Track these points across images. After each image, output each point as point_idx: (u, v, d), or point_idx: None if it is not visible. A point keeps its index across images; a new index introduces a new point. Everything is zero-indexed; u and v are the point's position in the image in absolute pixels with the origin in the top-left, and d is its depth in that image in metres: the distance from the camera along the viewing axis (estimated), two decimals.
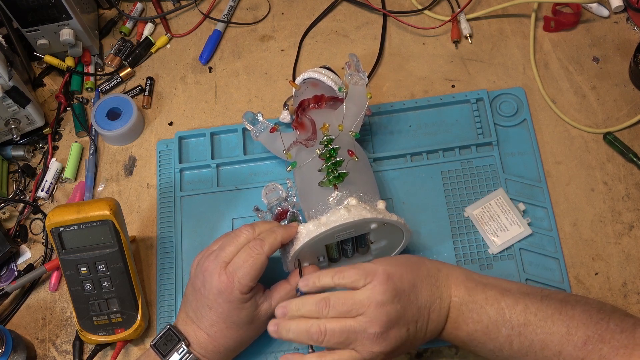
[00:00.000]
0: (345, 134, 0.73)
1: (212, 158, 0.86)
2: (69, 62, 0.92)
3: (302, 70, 0.89)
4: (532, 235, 0.77)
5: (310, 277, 0.63)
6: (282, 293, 0.68)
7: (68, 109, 0.92)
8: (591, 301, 0.62)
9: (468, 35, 0.90)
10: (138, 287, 0.75)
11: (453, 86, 0.88)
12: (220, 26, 0.95)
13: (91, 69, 0.94)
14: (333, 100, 0.78)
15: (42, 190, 0.86)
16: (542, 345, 0.59)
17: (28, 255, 0.84)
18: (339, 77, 0.82)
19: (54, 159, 0.89)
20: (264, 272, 0.65)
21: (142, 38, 0.96)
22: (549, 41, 0.90)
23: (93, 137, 0.89)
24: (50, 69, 0.95)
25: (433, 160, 0.83)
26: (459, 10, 0.91)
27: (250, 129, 0.79)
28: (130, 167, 0.88)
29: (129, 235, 0.76)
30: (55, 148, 0.90)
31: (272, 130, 0.76)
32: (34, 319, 0.81)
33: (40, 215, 0.86)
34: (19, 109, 0.84)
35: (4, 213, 0.86)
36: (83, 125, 0.90)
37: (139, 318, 0.75)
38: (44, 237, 0.85)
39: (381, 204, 0.69)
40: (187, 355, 0.66)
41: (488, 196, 0.80)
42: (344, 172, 0.69)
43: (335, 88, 0.80)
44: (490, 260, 0.77)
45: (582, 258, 0.77)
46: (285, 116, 0.85)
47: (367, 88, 0.74)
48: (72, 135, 0.91)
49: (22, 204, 0.86)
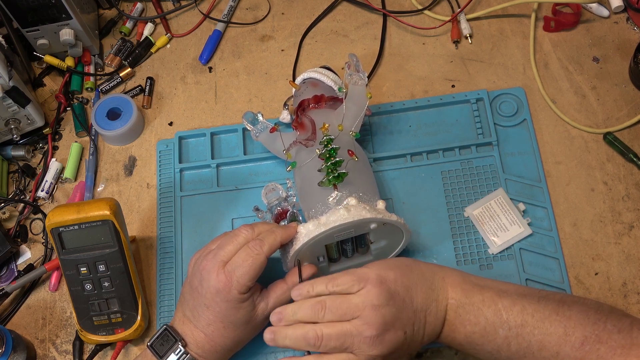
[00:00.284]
0: (345, 134, 0.73)
1: (212, 158, 0.86)
2: (69, 62, 0.92)
3: (302, 70, 0.89)
4: (532, 235, 0.77)
5: (304, 285, 0.63)
6: (279, 293, 0.68)
7: (68, 109, 0.92)
8: (588, 302, 0.62)
9: (468, 35, 0.90)
10: (138, 287, 0.75)
11: (453, 86, 0.88)
12: (220, 26, 0.95)
13: (91, 69, 0.94)
14: (333, 100, 0.78)
15: (42, 190, 0.86)
16: (539, 346, 0.59)
17: (28, 255, 0.84)
18: (339, 77, 0.82)
19: (54, 159, 0.89)
20: (262, 272, 0.65)
21: (142, 38, 0.96)
22: (549, 41, 0.89)
23: (93, 137, 0.89)
24: (50, 69, 0.95)
25: (433, 160, 0.83)
26: (459, 10, 0.91)
27: (250, 129, 0.79)
28: (130, 167, 0.88)
29: (129, 235, 0.76)
30: (55, 148, 0.90)
31: (272, 130, 0.76)
32: (34, 319, 0.81)
33: (40, 215, 0.86)
34: (19, 109, 0.84)
35: (4, 213, 0.86)
36: (83, 125, 0.90)
37: (139, 318, 0.75)
38: (44, 237, 0.85)
39: (381, 204, 0.69)
40: (184, 355, 0.66)
41: (488, 196, 0.80)
42: (343, 172, 0.69)
43: (335, 88, 0.80)
44: (490, 261, 0.77)
45: (582, 258, 0.77)
46: (285, 116, 0.85)
47: (367, 88, 0.74)
48: (72, 135, 0.91)
49: (22, 204, 0.86)
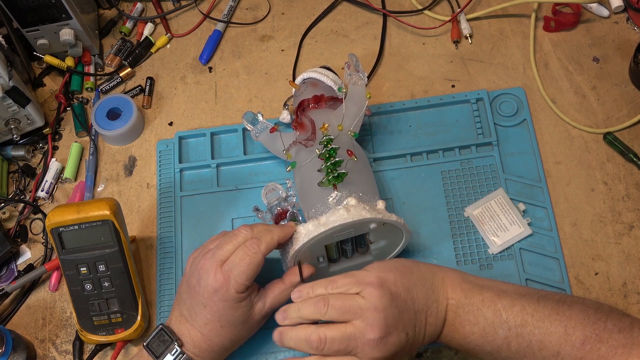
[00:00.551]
0: (344, 134, 0.73)
1: (212, 158, 0.86)
2: (69, 62, 0.92)
3: (302, 70, 0.89)
4: (532, 235, 0.77)
5: (304, 287, 0.63)
6: (277, 292, 0.68)
7: (68, 109, 0.92)
8: (588, 301, 0.62)
9: (468, 35, 0.90)
10: (138, 287, 0.75)
11: (453, 86, 0.88)
12: (220, 26, 0.95)
13: (91, 69, 0.94)
14: (333, 100, 0.78)
15: (42, 190, 0.86)
16: (540, 346, 0.59)
17: (28, 255, 0.84)
18: (338, 77, 0.82)
19: (54, 159, 0.89)
20: (261, 272, 0.65)
21: (142, 38, 0.96)
22: (549, 41, 0.89)
23: (93, 137, 0.89)
24: (50, 69, 0.95)
25: (433, 160, 0.83)
26: (459, 10, 0.91)
27: (250, 129, 0.79)
28: (130, 167, 0.88)
29: (129, 235, 0.76)
30: (55, 148, 0.90)
31: (272, 131, 0.76)
32: (34, 319, 0.81)
33: (40, 215, 0.86)
34: (19, 109, 0.84)
35: (4, 213, 0.86)
36: (83, 125, 0.90)
37: (139, 318, 0.75)
38: (44, 237, 0.85)
39: (380, 204, 0.69)
40: (180, 355, 0.66)
41: (488, 196, 0.80)
42: (343, 172, 0.69)
43: (335, 88, 0.79)
44: (490, 260, 0.77)
45: (582, 258, 0.77)
46: (285, 116, 0.85)
47: (367, 88, 0.74)
48: (72, 135, 0.91)
49: (22, 204, 0.86)
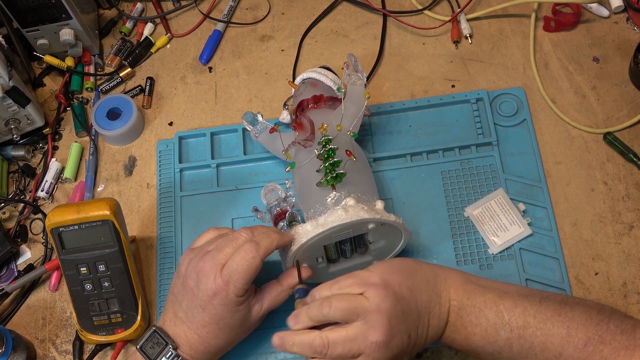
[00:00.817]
0: (344, 134, 0.73)
1: (212, 158, 0.86)
2: (69, 62, 0.92)
3: (302, 70, 0.89)
4: (532, 235, 0.77)
5: (313, 291, 0.63)
6: (274, 294, 0.68)
7: (68, 109, 0.92)
8: (590, 303, 0.61)
9: (468, 35, 0.90)
10: (138, 287, 0.75)
11: (453, 86, 0.88)
12: (220, 26, 0.95)
13: (91, 69, 0.94)
14: (332, 100, 0.78)
15: (42, 190, 0.86)
16: (542, 348, 0.59)
17: (28, 255, 0.84)
18: (338, 77, 0.82)
19: (54, 159, 0.89)
20: (258, 273, 0.65)
21: (142, 38, 0.96)
22: (549, 41, 0.89)
23: (93, 137, 0.89)
24: (50, 69, 0.95)
25: (433, 160, 0.83)
26: (459, 10, 0.91)
27: (250, 129, 0.79)
28: (130, 167, 0.88)
29: (129, 235, 0.76)
30: (55, 148, 0.90)
31: (272, 131, 0.76)
32: (34, 319, 0.81)
33: (40, 215, 0.86)
34: (19, 109, 0.84)
35: (4, 213, 0.86)
36: (83, 125, 0.90)
37: (139, 318, 0.75)
38: (44, 237, 0.85)
39: (379, 204, 0.69)
40: (176, 358, 0.65)
41: (488, 196, 0.80)
42: (341, 173, 0.69)
43: (334, 88, 0.79)
44: (490, 261, 0.77)
45: (582, 258, 0.77)
46: (285, 116, 0.85)
47: (366, 88, 0.74)
48: (72, 135, 0.91)
49: (22, 204, 0.86)
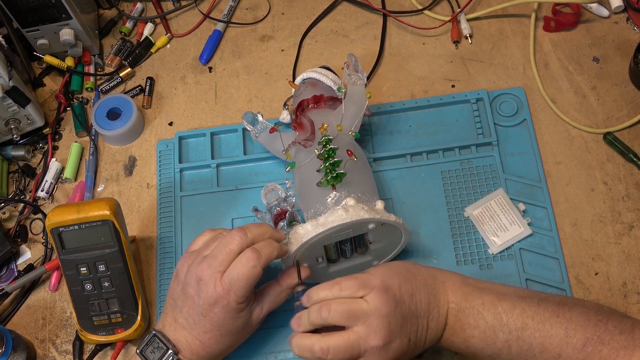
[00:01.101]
0: (344, 134, 0.73)
1: (212, 158, 0.86)
2: (69, 62, 0.92)
3: (302, 70, 0.89)
4: (532, 235, 0.77)
5: (310, 291, 0.63)
6: (273, 295, 0.68)
7: (68, 109, 0.92)
8: (588, 303, 0.61)
9: (468, 35, 0.90)
10: (138, 287, 0.75)
11: (453, 86, 0.88)
12: (220, 26, 0.95)
13: (91, 69, 0.94)
14: (332, 100, 0.78)
15: (42, 190, 0.86)
16: (541, 349, 0.59)
17: (28, 255, 0.84)
18: (338, 77, 0.82)
19: (54, 159, 0.89)
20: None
21: (142, 38, 0.96)
22: (549, 41, 0.89)
23: (93, 137, 0.89)
24: (50, 69, 0.95)
25: (433, 160, 0.83)
26: (459, 10, 0.91)
27: (250, 129, 0.79)
28: (130, 167, 0.88)
29: (129, 235, 0.76)
30: (55, 148, 0.90)
31: (272, 131, 0.76)
32: (34, 319, 0.81)
33: (40, 215, 0.86)
34: (19, 109, 0.84)
35: (4, 213, 0.86)
36: (83, 125, 0.90)
37: (139, 318, 0.75)
38: (44, 237, 0.85)
39: (379, 204, 0.69)
40: None
41: (488, 196, 0.80)
42: (342, 173, 0.69)
43: (335, 88, 0.79)
44: (490, 261, 0.77)
45: (582, 258, 0.77)
46: (285, 116, 0.85)
47: (367, 88, 0.74)
48: (72, 135, 0.91)
49: (22, 204, 0.86)
